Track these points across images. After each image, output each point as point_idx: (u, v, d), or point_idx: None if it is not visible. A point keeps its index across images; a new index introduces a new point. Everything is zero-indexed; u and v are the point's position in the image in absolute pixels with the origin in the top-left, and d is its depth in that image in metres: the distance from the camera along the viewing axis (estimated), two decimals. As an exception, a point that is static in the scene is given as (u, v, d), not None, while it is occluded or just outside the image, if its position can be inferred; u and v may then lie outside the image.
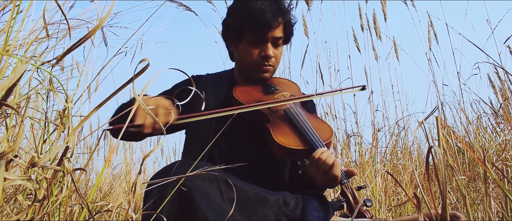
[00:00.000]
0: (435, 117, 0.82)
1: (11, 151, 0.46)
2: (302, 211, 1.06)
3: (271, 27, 1.28)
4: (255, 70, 1.34)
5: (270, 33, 1.29)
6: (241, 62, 1.38)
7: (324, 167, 1.11)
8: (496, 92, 2.42)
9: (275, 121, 1.26)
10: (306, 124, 1.23)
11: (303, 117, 1.26)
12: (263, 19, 1.26)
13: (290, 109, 1.30)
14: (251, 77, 1.37)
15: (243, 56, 1.34)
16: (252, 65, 1.33)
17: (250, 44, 1.31)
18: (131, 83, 0.71)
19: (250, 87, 1.37)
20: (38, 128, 1.19)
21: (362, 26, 2.93)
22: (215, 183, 0.98)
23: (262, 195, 1.03)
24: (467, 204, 0.82)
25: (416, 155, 2.71)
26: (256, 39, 1.30)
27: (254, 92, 1.35)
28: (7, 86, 0.43)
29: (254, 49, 1.31)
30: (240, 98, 1.31)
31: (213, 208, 0.94)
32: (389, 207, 2.07)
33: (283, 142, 1.18)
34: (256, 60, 1.32)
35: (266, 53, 1.30)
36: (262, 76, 1.35)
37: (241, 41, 1.33)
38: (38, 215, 0.82)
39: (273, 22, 1.28)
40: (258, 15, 1.26)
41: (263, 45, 1.31)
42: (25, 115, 0.73)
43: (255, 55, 1.31)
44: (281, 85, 1.41)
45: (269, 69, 1.34)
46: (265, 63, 1.33)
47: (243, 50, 1.33)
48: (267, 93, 1.36)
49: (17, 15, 0.88)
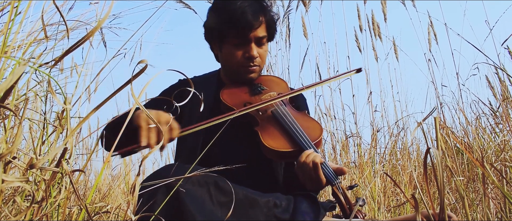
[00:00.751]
0: (433, 117, 0.82)
1: (9, 153, 0.46)
2: (293, 213, 1.06)
3: (253, 27, 1.26)
4: (241, 71, 1.33)
5: (252, 33, 1.27)
6: (226, 64, 1.36)
7: (308, 172, 1.10)
8: (495, 93, 2.42)
9: (263, 123, 1.25)
10: (294, 124, 1.21)
11: (291, 117, 1.24)
12: (244, 20, 1.24)
13: (277, 110, 1.28)
14: (237, 78, 1.36)
15: (227, 58, 1.33)
16: (237, 66, 1.32)
17: (233, 46, 1.29)
18: (129, 84, 0.71)
19: (237, 89, 1.36)
20: (36, 129, 1.19)
21: (361, 27, 2.93)
22: (205, 187, 0.97)
23: (252, 198, 1.02)
24: (465, 205, 0.82)
25: (415, 155, 2.72)
26: (238, 41, 1.28)
27: (241, 94, 1.34)
28: (5, 87, 0.43)
29: (238, 51, 1.29)
30: (227, 101, 1.30)
31: (203, 212, 0.93)
32: (388, 208, 2.07)
33: (272, 145, 1.17)
34: (241, 62, 1.30)
35: (250, 54, 1.29)
36: (249, 76, 1.34)
37: (224, 44, 1.31)
38: (36, 216, 0.81)
39: (254, 22, 1.25)
40: (239, 16, 1.24)
41: (246, 46, 1.29)
42: (23, 117, 0.73)
43: (239, 57, 1.30)
44: (268, 83, 1.39)
45: (254, 69, 1.33)
46: (250, 64, 1.31)
47: (227, 53, 1.31)
48: (254, 94, 1.34)
49: (16, 16, 0.88)
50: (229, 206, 0.96)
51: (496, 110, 2.37)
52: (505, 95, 2.27)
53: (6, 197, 1.09)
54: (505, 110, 2.21)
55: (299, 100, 1.45)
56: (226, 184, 0.99)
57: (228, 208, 0.95)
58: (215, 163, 1.23)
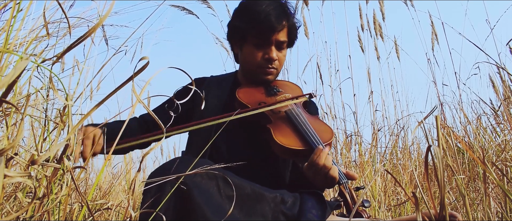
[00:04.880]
0: (434, 117, 0.82)
1: (11, 148, 0.46)
2: (300, 209, 1.06)
3: (275, 30, 1.29)
4: (259, 72, 1.36)
5: (274, 36, 1.31)
6: (245, 64, 1.39)
7: (323, 170, 1.11)
8: (497, 92, 2.41)
9: (276, 121, 1.27)
10: (307, 125, 1.24)
11: (304, 118, 1.27)
12: (267, 22, 1.28)
13: (291, 110, 1.31)
14: (254, 79, 1.39)
15: (247, 58, 1.36)
16: (255, 67, 1.35)
17: (254, 46, 1.33)
18: (131, 81, 0.71)
19: (252, 88, 1.39)
20: (38, 126, 1.19)
21: (362, 26, 2.93)
22: (214, 180, 0.99)
23: (259, 192, 1.03)
24: (466, 204, 0.82)
25: (415, 155, 2.72)
26: (260, 42, 1.32)
27: (257, 94, 1.37)
28: (7, 82, 0.43)
29: (258, 52, 1.33)
30: (242, 99, 1.32)
31: (211, 205, 0.94)
32: (388, 207, 2.07)
33: (283, 142, 1.18)
34: (260, 63, 1.34)
35: (270, 56, 1.32)
36: (266, 78, 1.37)
37: (245, 43, 1.34)
38: (37, 212, 0.82)
39: (277, 25, 1.29)
40: (263, 18, 1.28)
41: (267, 48, 1.32)
42: (25, 113, 0.73)
43: (258, 58, 1.33)
44: (283, 87, 1.43)
45: (272, 71, 1.36)
46: (268, 66, 1.34)
47: (247, 52, 1.35)
48: (270, 95, 1.37)
49: (18, 13, 0.88)
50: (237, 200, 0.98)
51: (497, 110, 2.37)
52: (507, 94, 2.26)
53: (7, 193, 1.10)
54: (506, 110, 2.21)
55: (310, 105, 1.49)
56: (234, 178, 1.00)
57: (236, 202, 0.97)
58: (223, 160, 1.25)
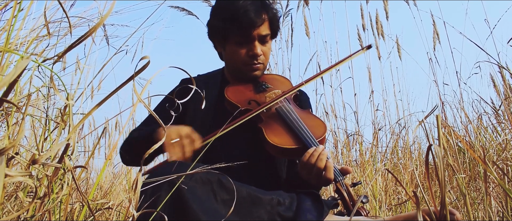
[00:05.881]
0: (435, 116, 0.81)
1: (12, 147, 0.46)
2: (296, 211, 1.05)
3: (255, 25, 1.26)
4: (245, 69, 1.33)
5: (256, 31, 1.28)
6: (230, 62, 1.37)
7: (316, 170, 1.10)
8: (498, 91, 2.41)
9: (267, 120, 1.25)
10: (299, 121, 1.22)
11: (296, 114, 1.25)
12: (247, 18, 1.24)
13: (282, 107, 1.28)
14: (241, 77, 1.36)
15: (231, 57, 1.33)
16: (241, 65, 1.32)
17: (237, 44, 1.30)
18: (131, 81, 0.71)
19: (241, 86, 1.36)
20: (39, 126, 1.19)
21: (364, 26, 2.93)
22: (208, 185, 0.97)
23: (255, 196, 1.02)
24: (467, 203, 0.82)
25: (416, 154, 2.71)
26: (242, 39, 1.29)
27: (246, 91, 1.34)
28: (8, 82, 0.43)
29: (241, 49, 1.30)
30: (232, 98, 1.30)
31: (206, 210, 0.93)
32: (389, 206, 2.07)
33: (276, 142, 1.17)
34: (245, 60, 1.31)
35: (254, 52, 1.29)
36: (253, 74, 1.34)
37: (228, 42, 1.31)
38: (38, 212, 0.82)
39: (257, 20, 1.26)
40: (241, 15, 1.24)
41: (250, 44, 1.29)
42: (26, 113, 0.73)
43: (242, 55, 1.30)
44: (272, 82, 1.40)
45: (258, 67, 1.33)
46: (254, 62, 1.31)
47: (231, 51, 1.32)
48: (259, 92, 1.35)
49: (18, 13, 0.88)
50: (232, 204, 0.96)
51: (498, 109, 2.37)
52: (507, 93, 2.26)
53: (8, 192, 1.10)
54: (507, 109, 2.20)
55: (302, 99, 1.46)
56: (229, 182, 0.99)
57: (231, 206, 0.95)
58: (217, 159, 1.24)
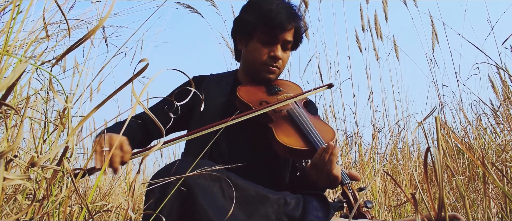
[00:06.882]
0: (434, 117, 0.82)
1: (10, 150, 0.46)
2: (303, 211, 1.06)
3: (285, 29, 1.31)
4: (262, 69, 1.36)
5: (282, 35, 1.32)
6: (248, 60, 1.39)
7: (326, 170, 1.11)
8: (497, 92, 2.41)
9: (278, 121, 1.27)
10: (309, 125, 1.24)
11: (306, 118, 1.27)
12: (278, 20, 1.29)
13: (293, 110, 1.30)
14: (256, 77, 1.39)
15: (252, 54, 1.36)
16: (259, 64, 1.35)
17: (261, 43, 1.33)
18: (130, 83, 0.71)
19: (254, 87, 1.38)
20: (37, 128, 1.19)
21: (363, 27, 2.93)
22: (217, 182, 0.99)
23: (263, 194, 1.03)
24: (466, 205, 0.82)
25: (415, 155, 2.71)
26: (267, 39, 1.32)
27: (258, 93, 1.36)
28: (6, 85, 0.43)
29: (264, 48, 1.33)
30: (243, 97, 1.32)
31: (215, 206, 0.94)
32: (388, 208, 2.07)
33: (286, 142, 1.18)
34: (265, 60, 1.34)
35: (275, 54, 1.33)
36: (268, 76, 1.37)
37: (252, 39, 1.35)
38: (37, 215, 0.82)
39: (287, 24, 1.30)
40: (274, 15, 1.29)
41: (273, 46, 1.33)
42: (24, 115, 0.73)
43: (264, 54, 1.33)
44: (284, 86, 1.42)
45: (275, 70, 1.36)
46: (272, 64, 1.35)
47: (253, 48, 1.35)
48: (271, 94, 1.37)
49: (17, 15, 0.88)
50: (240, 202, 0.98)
51: (497, 110, 2.37)
52: (506, 95, 2.26)
53: (7, 195, 1.10)
54: (506, 110, 2.21)
55: (310, 105, 1.49)
56: (238, 180, 1.01)
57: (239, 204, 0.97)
58: (224, 160, 1.25)
